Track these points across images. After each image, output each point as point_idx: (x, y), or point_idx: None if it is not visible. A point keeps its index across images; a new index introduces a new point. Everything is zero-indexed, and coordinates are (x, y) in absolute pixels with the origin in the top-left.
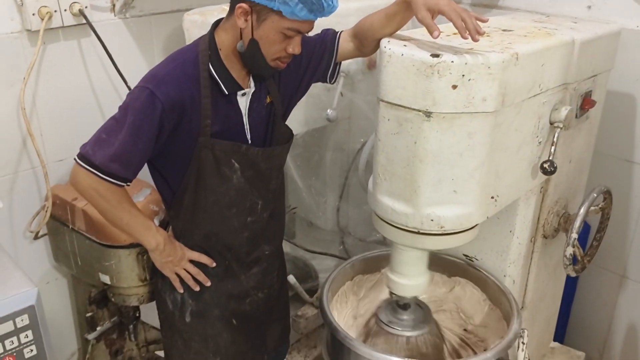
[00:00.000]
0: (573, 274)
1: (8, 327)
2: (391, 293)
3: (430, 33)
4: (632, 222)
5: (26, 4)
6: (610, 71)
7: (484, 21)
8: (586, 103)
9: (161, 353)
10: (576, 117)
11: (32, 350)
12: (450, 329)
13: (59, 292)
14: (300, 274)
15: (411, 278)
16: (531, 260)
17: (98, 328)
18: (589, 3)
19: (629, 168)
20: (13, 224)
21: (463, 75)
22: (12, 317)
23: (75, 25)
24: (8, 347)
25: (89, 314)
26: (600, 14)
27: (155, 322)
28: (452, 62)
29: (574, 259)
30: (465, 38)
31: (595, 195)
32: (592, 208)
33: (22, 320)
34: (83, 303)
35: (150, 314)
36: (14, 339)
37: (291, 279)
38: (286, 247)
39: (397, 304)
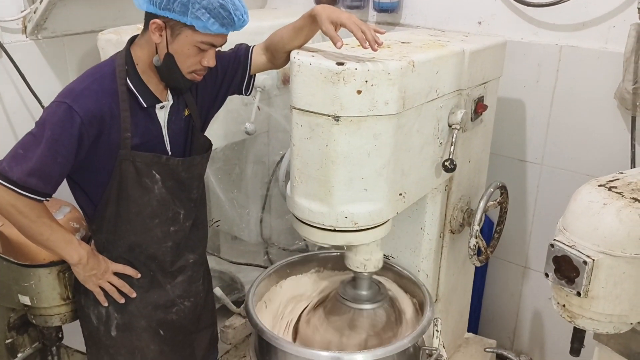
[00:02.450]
0: (478, 264)
1: None
2: (354, 272)
3: (334, 44)
4: (530, 216)
5: None
6: (500, 79)
7: (382, 33)
8: (479, 107)
9: None
10: (472, 120)
11: None
12: None
13: None
14: (227, 287)
15: (367, 255)
16: (441, 255)
17: (19, 355)
18: (479, 19)
19: (523, 167)
20: None
21: (366, 81)
22: None
23: None
24: None
25: (8, 341)
26: (489, 29)
27: (79, 346)
28: (356, 69)
29: (478, 250)
30: (365, 48)
31: (492, 190)
32: (491, 202)
33: None
34: (2, 330)
35: (74, 338)
36: None
37: (217, 291)
38: (211, 261)
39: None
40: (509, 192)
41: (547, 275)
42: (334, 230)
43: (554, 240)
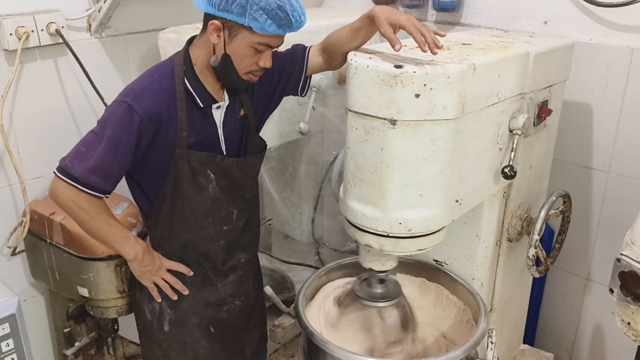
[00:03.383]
0: (536, 275)
1: None
2: (369, 270)
3: (393, 46)
4: (594, 227)
5: (3, 25)
6: (566, 82)
7: (442, 35)
8: (543, 112)
9: None
10: (534, 125)
11: (13, 359)
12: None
13: (36, 310)
14: (277, 285)
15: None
16: (497, 264)
17: (76, 344)
18: (545, 19)
19: (588, 174)
20: None
21: (425, 85)
22: None
23: (52, 44)
24: None
25: (67, 330)
26: (555, 29)
27: (134, 337)
28: (414, 72)
29: (537, 261)
30: (424, 51)
31: (554, 198)
32: (553, 211)
33: (2, 329)
34: (61, 319)
35: (129, 329)
36: None
37: (268, 289)
38: (263, 259)
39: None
40: (572, 200)
41: (611, 291)
42: (387, 236)
43: (621, 254)
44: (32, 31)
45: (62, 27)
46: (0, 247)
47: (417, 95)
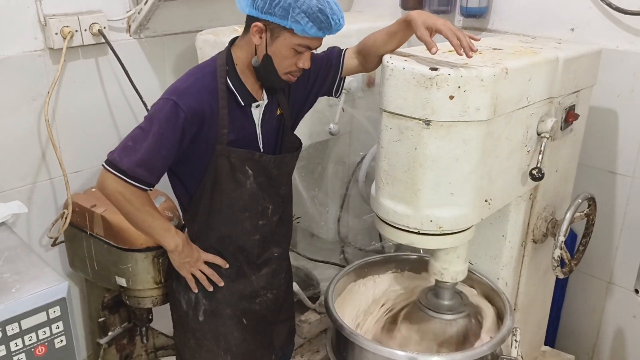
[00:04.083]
0: (561, 276)
1: (42, 317)
2: (436, 280)
3: (429, 49)
4: (617, 231)
5: (50, 24)
6: (593, 87)
7: (477, 40)
8: (570, 116)
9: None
10: (561, 129)
11: (62, 341)
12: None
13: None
14: (302, 282)
15: (445, 264)
16: (522, 264)
17: (110, 333)
18: (572, 26)
19: (613, 179)
20: (30, 232)
21: (459, 87)
22: (45, 308)
23: (94, 44)
24: (41, 336)
25: (101, 319)
26: (583, 36)
27: (164, 329)
28: (449, 75)
29: (562, 262)
30: (460, 55)
31: (580, 201)
32: (578, 214)
33: (54, 311)
34: (96, 309)
35: (159, 322)
36: (47, 329)
37: (294, 286)
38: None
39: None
40: (597, 204)
41: (637, 291)
42: (418, 233)
43: None
44: (76, 31)
45: (104, 27)
46: (38, 239)
47: (452, 97)
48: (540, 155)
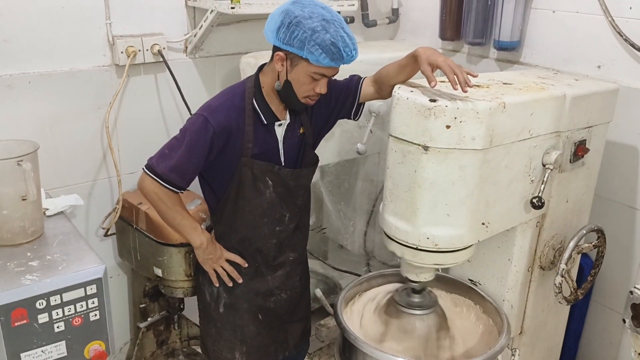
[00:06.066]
0: (563, 303)
1: (80, 293)
2: (408, 280)
3: (429, 83)
4: (635, 265)
5: (117, 44)
6: (609, 123)
7: (474, 76)
8: (580, 150)
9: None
10: (570, 161)
11: (96, 315)
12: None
13: (119, 286)
14: (329, 290)
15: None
16: (529, 289)
17: (149, 318)
18: (599, 63)
19: (632, 214)
20: (88, 224)
21: (455, 118)
22: (83, 285)
23: (153, 62)
24: (78, 309)
25: (142, 305)
26: (608, 74)
27: (197, 320)
28: (446, 106)
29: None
30: (455, 89)
31: (584, 232)
32: (586, 245)
33: (91, 288)
34: (139, 295)
35: (195, 313)
36: (84, 303)
37: (318, 292)
38: (318, 265)
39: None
40: (616, 237)
41: (624, 321)
42: (416, 249)
43: (635, 287)
44: (139, 50)
45: (164, 48)
46: (95, 229)
47: (448, 127)
48: (543, 185)
